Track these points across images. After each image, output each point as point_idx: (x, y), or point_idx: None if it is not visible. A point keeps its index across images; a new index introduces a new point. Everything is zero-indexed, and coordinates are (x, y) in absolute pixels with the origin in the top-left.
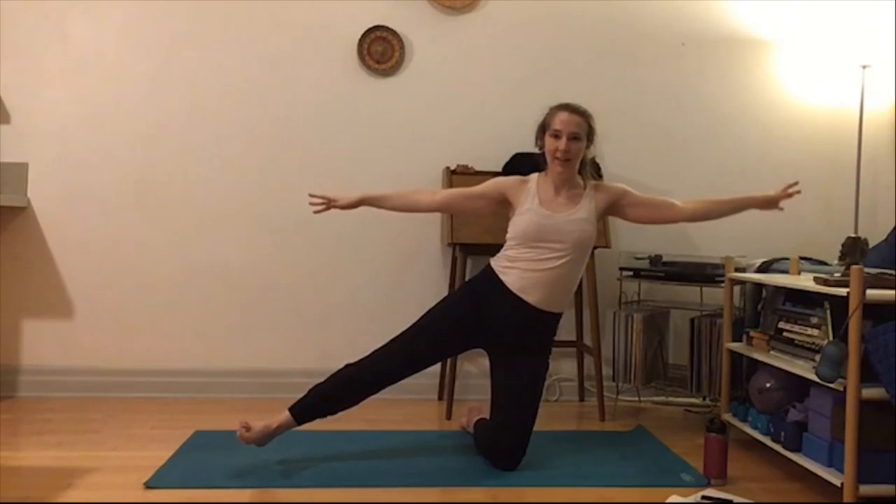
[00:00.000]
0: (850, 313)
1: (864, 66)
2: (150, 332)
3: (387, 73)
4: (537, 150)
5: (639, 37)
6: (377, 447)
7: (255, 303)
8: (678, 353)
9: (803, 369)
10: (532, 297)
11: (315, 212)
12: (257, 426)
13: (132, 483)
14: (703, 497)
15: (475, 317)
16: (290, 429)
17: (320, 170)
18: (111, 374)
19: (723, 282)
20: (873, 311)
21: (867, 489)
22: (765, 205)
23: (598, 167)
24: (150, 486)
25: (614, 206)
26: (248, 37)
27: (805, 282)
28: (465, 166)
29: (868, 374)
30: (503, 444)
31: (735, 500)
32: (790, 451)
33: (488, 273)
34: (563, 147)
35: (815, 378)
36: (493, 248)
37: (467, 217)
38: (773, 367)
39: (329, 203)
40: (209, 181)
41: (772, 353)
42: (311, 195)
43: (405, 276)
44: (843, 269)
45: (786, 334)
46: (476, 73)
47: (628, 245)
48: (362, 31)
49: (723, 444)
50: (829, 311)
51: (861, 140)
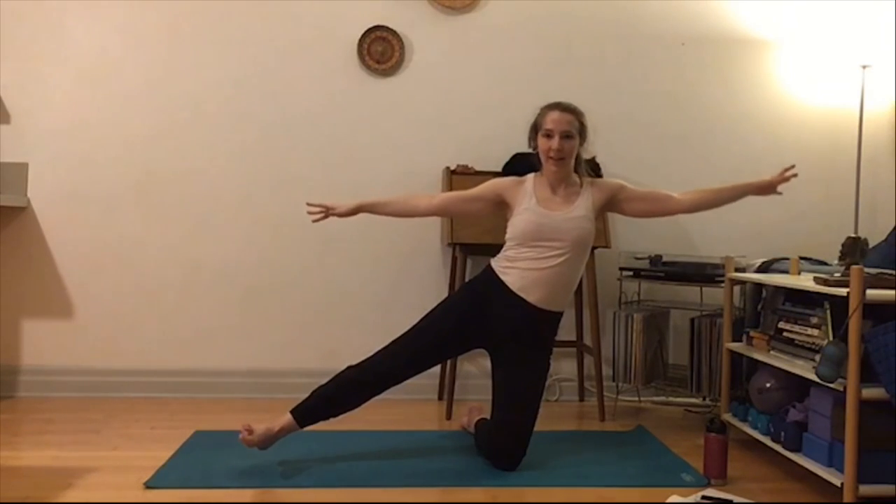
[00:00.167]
0: (850, 313)
1: (864, 66)
2: (150, 332)
3: (387, 73)
4: (531, 150)
5: (639, 37)
6: (377, 447)
7: (255, 302)
8: (678, 353)
9: (803, 369)
10: (533, 297)
11: (314, 220)
12: (259, 429)
13: (132, 483)
14: (703, 497)
15: (476, 317)
16: (293, 431)
17: (320, 170)
18: (111, 374)
19: (723, 282)
20: (873, 311)
21: (867, 489)
22: (762, 190)
23: (598, 167)
24: (150, 486)
25: (612, 202)
26: (248, 37)
27: (805, 282)
28: (465, 166)
29: (868, 374)
30: (503, 444)
31: (735, 500)
32: (790, 451)
33: (489, 273)
34: (556, 146)
35: (815, 378)
36: (493, 249)
37: (466, 219)
38: (773, 367)
39: (327, 211)
40: (209, 181)
41: (772, 353)
42: (308, 204)
43: (405, 276)
44: (843, 269)
45: (786, 334)
46: (476, 73)
47: (628, 245)
48: (362, 31)
49: (723, 444)
50: (829, 311)
51: (861, 140)
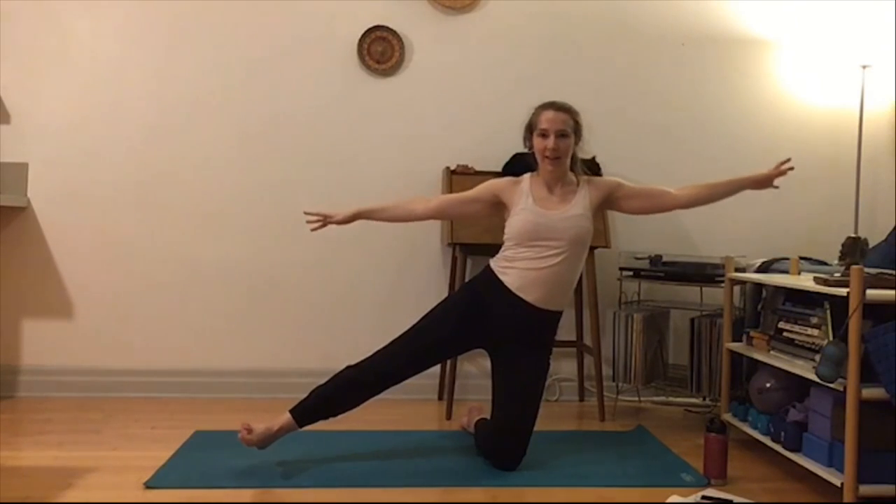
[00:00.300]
0: (850, 313)
1: (864, 66)
2: (150, 332)
3: (387, 73)
4: (526, 150)
5: (639, 37)
6: (377, 447)
7: (255, 303)
8: (678, 353)
9: (803, 369)
10: (532, 297)
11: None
12: (258, 428)
13: (132, 483)
14: (703, 497)
15: (476, 317)
16: (292, 431)
17: (320, 170)
18: (111, 374)
19: (723, 282)
20: (873, 311)
21: (867, 489)
22: (759, 184)
23: (598, 167)
24: (149, 486)
25: (609, 200)
26: (248, 37)
27: (805, 282)
28: (465, 166)
29: (868, 374)
30: (503, 444)
31: (735, 500)
32: (790, 451)
33: (487, 273)
34: (552, 145)
35: (815, 378)
36: (492, 248)
37: (464, 220)
38: (773, 367)
39: (325, 219)
40: (209, 181)
41: (772, 353)
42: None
43: (405, 276)
44: (843, 269)
45: (786, 334)
46: (476, 73)
47: (628, 245)
48: (362, 31)
49: (723, 444)
50: (829, 311)
51: (861, 140)
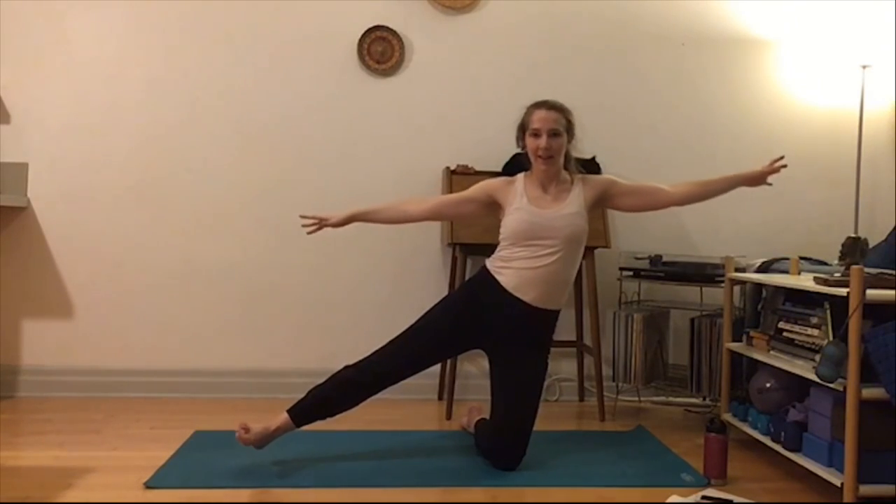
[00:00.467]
0: (850, 313)
1: (864, 66)
2: (150, 332)
3: (387, 73)
4: (519, 149)
5: (639, 37)
6: (377, 447)
7: (254, 303)
8: (678, 353)
9: (803, 369)
10: (528, 296)
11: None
12: (256, 428)
13: (132, 483)
14: (703, 497)
15: (473, 318)
16: (289, 431)
17: (320, 169)
18: (111, 374)
19: (723, 282)
20: (873, 311)
21: (867, 489)
22: (752, 181)
23: (598, 166)
24: (149, 486)
25: (603, 198)
26: (248, 37)
27: (805, 282)
28: (465, 166)
29: (868, 374)
30: (503, 444)
31: (735, 500)
32: (790, 451)
33: (484, 274)
34: (544, 145)
35: (815, 378)
36: (492, 248)
37: (460, 221)
38: (773, 367)
39: (320, 222)
40: (209, 181)
41: (772, 353)
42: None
43: (405, 276)
44: (843, 269)
45: (786, 334)
46: (476, 73)
47: (628, 245)
48: (362, 31)
49: (723, 444)
50: (829, 311)
51: (861, 140)
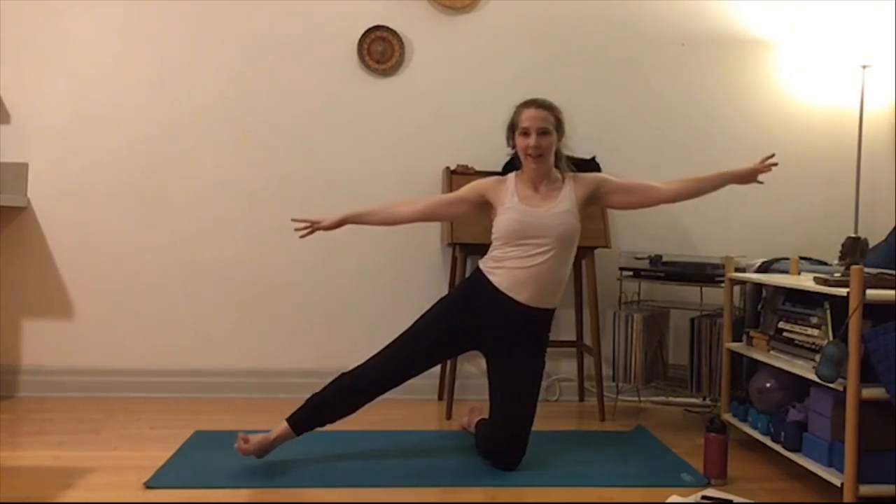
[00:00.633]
0: (850, 313)
1: (864, 66)
2: (150, 332)
3: (387, 73)
4: (509, 148)
5: (638, 37)
6: (377, 447)
7: (255, 303)
8: (678, 353)
9: (803, 369)
10: (522, 296)
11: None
12: (255, 438)
13: (132, 483)
14: (703, 497)
15: (468, 320)
16: (289, 439)
17: (320, 169)
18: (111, 374)
19: (723, 282)
20: (873, 311)
21: (867, 489)
22: (743, 179)
23: (598, 166)
24: (149, 486)
25: (595, 196)
26: (248, 37)
27: (805, 282)
28: (465, 166)
29: (868, 374)
30: (502, 444)
31: (735, 500)
32: (790, 451)
33: (477, 275)
34: (534, 143)
35: (815, 378)
36: None
37: (454, 221)
38: (773, 367)
39: (313, 225)
40: (209, 181)
41: (772, 353)
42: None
43: (405, 276)
44: (843, 269)
45: (786, 334)
46: (476, 72)
47: (628, 245)
48: (362, 31)
49: (723, 444)
50: (829, 311)
51: (861, 140)
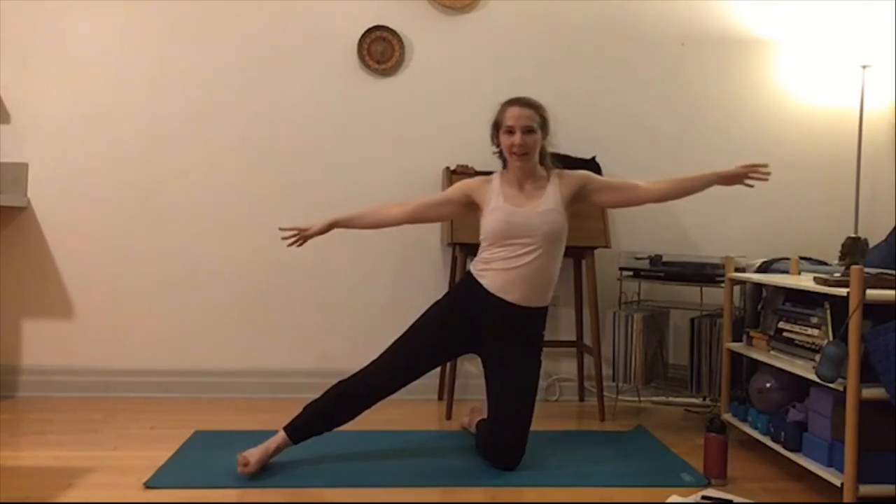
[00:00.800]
0: (850, 313)
1: (864, 66)
2: (150, 332)
3: (387, 73)
4: (494, 147)
5: (638, 37)
6: (377, 447)
7: (255, 303)
8: (678, 353)
9: (803, 369)
10: (513, 296)
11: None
12: (254, 457)
13: (132, 483)
14: (703, 497)
15: (461, 323)
16: (287, 448)
17: (320, 169)
18: (111, 374)
19: (723, 282)
20: (873, 311)
21: (867, 489)
22: (729, 181)
23: (598, 166)
24: (149, 486)
25: (580, 194)
26: (248, 37)
27: (805, 282)
28: (465, 166)
29: (868, 374)
30: (501, 444)
31: (735, 500)
32: (790, 451)
33: (468, 278)
34: (519, 141)
35: (815, 378)
36: None
37: (443, 222)
38: (773, 367)
39: (301, 233)
40: (209, 181)
41: (772, 353)
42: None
43: (405, 276)
44: (843, 269)
45: (786, 334)
46: (476, 73)
47: (628, 245)
48: (362, 31)
49: (723, 444)
50: (829, 311)
51: (861, 140)
